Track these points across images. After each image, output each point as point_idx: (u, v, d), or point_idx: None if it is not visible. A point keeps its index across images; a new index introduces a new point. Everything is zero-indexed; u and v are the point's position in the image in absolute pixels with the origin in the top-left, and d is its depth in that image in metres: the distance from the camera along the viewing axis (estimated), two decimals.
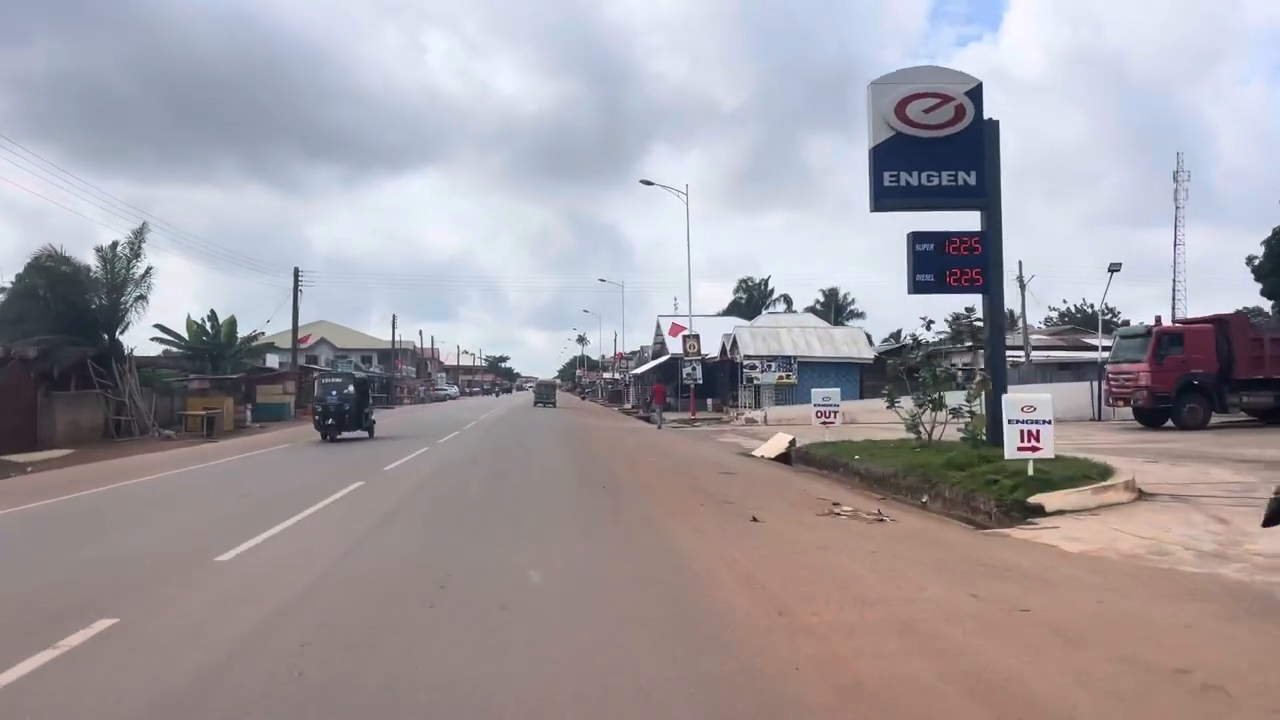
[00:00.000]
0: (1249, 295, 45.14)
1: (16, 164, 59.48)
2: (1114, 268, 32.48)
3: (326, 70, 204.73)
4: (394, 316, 76.32)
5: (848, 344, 40.54)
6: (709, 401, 46.72)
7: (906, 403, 15.91)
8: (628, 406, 62.42)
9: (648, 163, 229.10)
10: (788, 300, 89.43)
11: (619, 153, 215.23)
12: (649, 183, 41.49)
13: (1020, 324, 49.74)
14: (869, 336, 43.60)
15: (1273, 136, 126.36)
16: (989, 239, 14.19)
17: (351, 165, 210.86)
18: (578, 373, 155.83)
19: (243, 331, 44.74)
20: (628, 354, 79.68)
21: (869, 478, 14.56)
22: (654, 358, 60.35)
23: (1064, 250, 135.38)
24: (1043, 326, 65.57)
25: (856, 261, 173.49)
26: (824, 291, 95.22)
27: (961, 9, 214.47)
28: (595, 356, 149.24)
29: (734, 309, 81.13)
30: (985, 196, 14.22)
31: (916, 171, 13.97)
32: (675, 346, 51.52)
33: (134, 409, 30.42)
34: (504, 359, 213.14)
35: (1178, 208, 64.03)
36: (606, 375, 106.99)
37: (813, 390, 19.89)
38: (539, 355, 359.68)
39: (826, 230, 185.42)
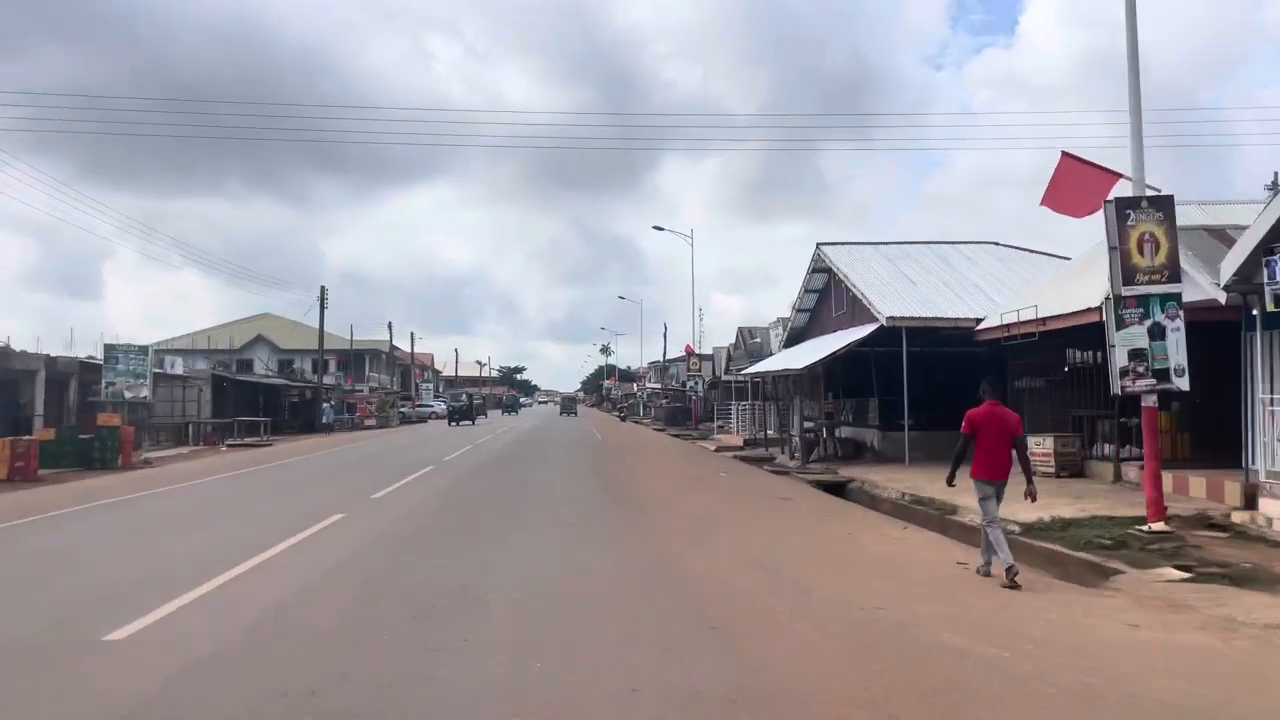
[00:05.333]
0: None
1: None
2: None
3: (330, 82, 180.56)
4: (322, 289, 46.77)
5: None
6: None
7: None
8: (740, 445, 32.60)
9: (660, 173, 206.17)
10: None
11: (631, 162, 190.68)
12: None
13: None
14: None
15: None
16: None
17: (362, 176, 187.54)
18: (605, 383, 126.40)
19: None
20: (703, 354, 49.72)
21: None
22: (790, 343, 30.40)
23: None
24: None
25: None
26: None
27: (978, 16, 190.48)
28: (623, 365, 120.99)
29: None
30: None
31: None
32: (885, 305, 21.87)
33: None
34: (519, 369, 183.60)
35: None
36: (652, 386, 77.70)
37: None
38: (559, 367, 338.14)
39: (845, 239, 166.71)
